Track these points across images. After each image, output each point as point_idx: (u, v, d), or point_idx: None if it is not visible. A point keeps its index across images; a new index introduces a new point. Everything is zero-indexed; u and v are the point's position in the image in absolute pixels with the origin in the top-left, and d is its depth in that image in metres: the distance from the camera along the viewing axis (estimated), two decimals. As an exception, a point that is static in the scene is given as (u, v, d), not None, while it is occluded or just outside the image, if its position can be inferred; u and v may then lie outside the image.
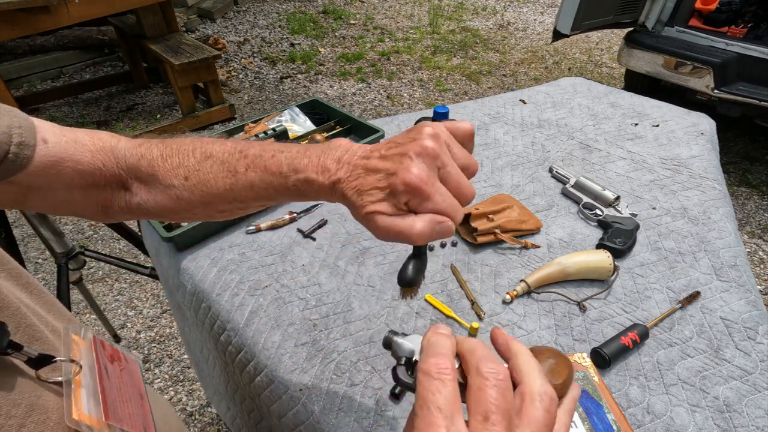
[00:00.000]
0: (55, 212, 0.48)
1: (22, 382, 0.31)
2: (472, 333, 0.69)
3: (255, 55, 3.93)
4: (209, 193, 0.45)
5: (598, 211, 0.92)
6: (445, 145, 0.36)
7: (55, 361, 0.33)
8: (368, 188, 0.36)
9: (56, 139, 0.41)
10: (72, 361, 0.34)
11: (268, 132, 1.03)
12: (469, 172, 0.38)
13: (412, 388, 0.31)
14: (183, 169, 0.45)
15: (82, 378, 0.35)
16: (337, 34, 4.41)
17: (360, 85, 3.51)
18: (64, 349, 0.36)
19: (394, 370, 0.34)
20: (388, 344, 0.37)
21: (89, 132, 0.45)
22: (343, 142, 0.41)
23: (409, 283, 0.43)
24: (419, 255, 0.43)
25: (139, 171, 0.46)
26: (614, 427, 0.52)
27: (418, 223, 0.35)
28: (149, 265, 1.49)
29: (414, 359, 0.34)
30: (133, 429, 0.37)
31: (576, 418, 0.53)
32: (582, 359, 0.60)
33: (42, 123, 0.42)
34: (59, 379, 0.33)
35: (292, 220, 0.91)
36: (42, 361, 0.32)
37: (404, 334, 0.37)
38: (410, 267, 0.42)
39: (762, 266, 2.08)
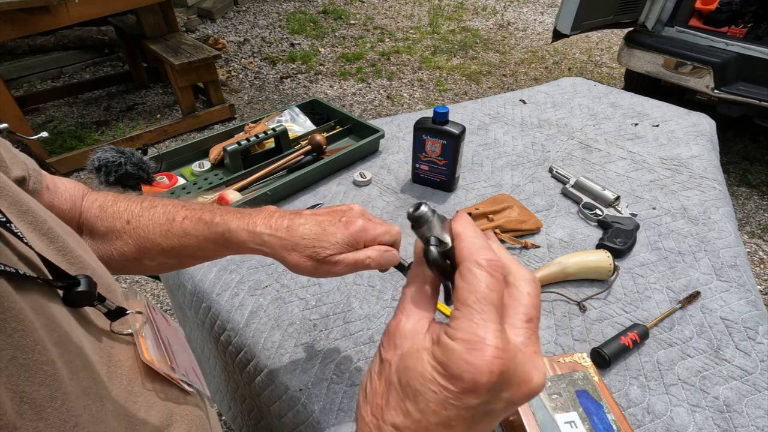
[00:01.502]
0: None
1: (101, 332, 0.33)
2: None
3: (255, 55, 3.93)
4: (145, 238, 0.48)
5: (598, 211, 0.92)
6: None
7: (127, 314, 0.35)
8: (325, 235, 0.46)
9: (53, 188, 0.45)
10: (139, 312, 0.37)
11: (268, 132, 1.03)
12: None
13: (448, 275, 0.29)
14: (127, 213, 0.49)
15: (144, 330, 0.38)
16: (337, 34, 4.41)
17: (360, 85, 3.51)
18: (131, 304, 0.39)
19: (426, 251, 0.29)
20: (419, 218, 0.29)
21: (60, 178, 0.48)
22: (270, 208, 0.50)
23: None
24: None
25: (93, 221, 0.48)
26: (614, 427, 0.52)
27: (372, 252, 0.47)
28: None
29: (449, 245, 0.29)
30: (189, 373, 0.41)
31: (576, 418, 0.53)
32: (582, 359, 0.60)
33: (43, 172, 0.45)
34: (129, 331, 0.36)
35: (292, 220, 0.91)
36: (117, 313, 0.34)
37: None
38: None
39: (762, 266, 2.08)
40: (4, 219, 0.27)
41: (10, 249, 0.27)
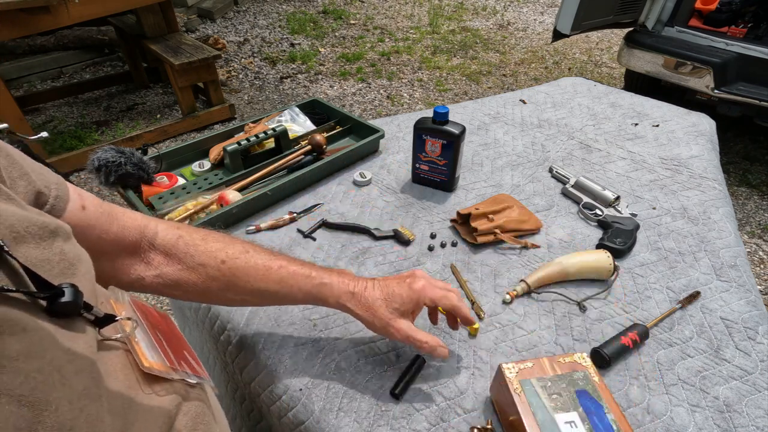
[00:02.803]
0: None
1: (90, 340, 0.33)
2: (473, 333, 0.69)
3: (255, 55, 3.93)
4: (239, 277, 0.53)
5: (598, 211, 0.92)
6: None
7: (117, 320, 0.35)
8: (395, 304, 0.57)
9: (93, 209, 0.46)
10: (128, 318, 0.37)
11: (268, 132, 1.03)
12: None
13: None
14: (222, 253, 0.53)
15: (137, 333, 0.38)
16: (337, 34, 4.41)
17: (360, 85, 3.51)
18: (116, 308, 0.39)
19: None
20: None
21: (124, 209, 0.51)
22: (349, 271, 0.61)
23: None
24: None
25: (174, 249, 0.52)
26: (614, 427, 0.52)
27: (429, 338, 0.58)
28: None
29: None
30: (190, 368, 0.41)
31: (576, 418, 0.53)
32: (582, 359, 0.60)
33: (85, 193, 0.47)
34: (119, 336, 0.36)
35: (292, 220, 0.91)
36: (106, 320, 0.34)
37: None
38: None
39: (762, 266, 2.08)
40: None
41: None
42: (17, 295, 0.27)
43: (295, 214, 0.91)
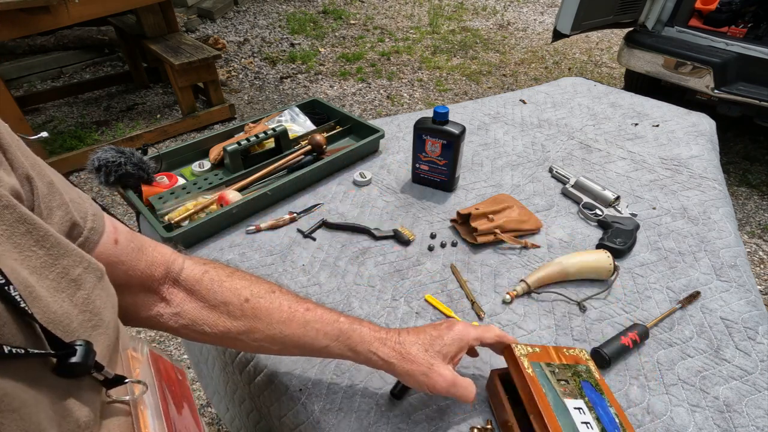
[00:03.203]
0: None
1: (95, 400, 0.32)
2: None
3: (255, 55, 3.93)
4: (261, 319, 0.50)
5: (598, 211, 0.92)
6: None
7: (126, 383, 0.34)
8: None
9: (125, 244, 0.45)
10: (138, 381, 0.36)
11: (268, 132, 1.03)
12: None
13: None
14: (247, 291, 0.50)
15: (146, 397, 0.36)
16: (337, 34, 4.41)
17: (360, 85, 3.51)
18: (126, 369, 0.38)
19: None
20: None
21: (154, 243, 0.49)
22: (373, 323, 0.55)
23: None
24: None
25: (198, 285, 0.50)
26: (617, 420, 0.53)
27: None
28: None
29: None
30: None
31: (583, 405, 0.53)
32: (583, 354, 0.60)
33: (119, 225, 0.45)
34: (126, 398, 0.34)
35: (292, 220, 0.91)
36: (115, 381, 0.33)
37: None
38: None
39: (762, 266, 2.08)
40: (3, 281, 0.26)
41: (14, 314, 0.27)
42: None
43: (295, 214, 0.91)
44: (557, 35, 2.55)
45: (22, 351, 0.26)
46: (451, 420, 0.59)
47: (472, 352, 0.62)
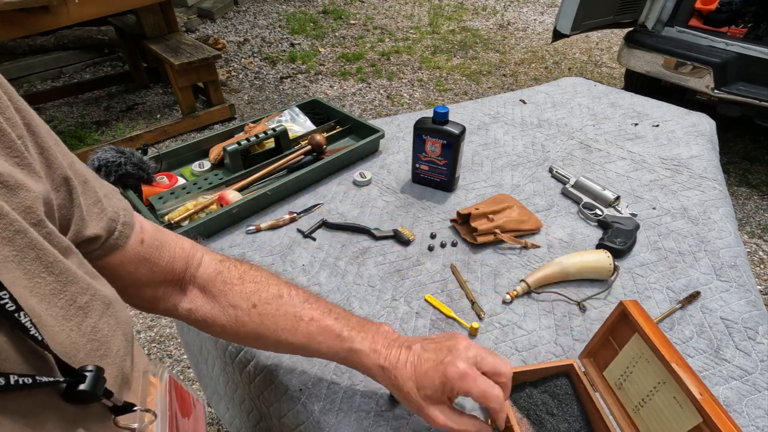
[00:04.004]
0: None
1: (103, 428, 0.32)
2: (473, 333, 0.69)
3: (255, 55, 3.93)
4: (267, 325, 0.51)
5: (598, 211, 0.92)
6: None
7: (135, 410, 0.34)
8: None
9: (150, 242, 0.46)
10: (148, 410, 0.36)
11: (268, 132, 1.03)
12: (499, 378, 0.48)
13: None
14: (255, 297, 0.51)
15: (155, 427, 0.36)
16: (337, 34, 4.41)
17: (360, 85, 3.51)
18: (142, 395, 0.37)
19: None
20: None
21: (176, 237, 0.51)
22: (387, 330, 0.52)
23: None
24: None
25: (211, 284, 0.51)
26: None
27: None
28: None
29: None
30: None
31: None
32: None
33: (144, 222, 0.46)
34: (134, 425, 0.34)
35: (292, 220, 0.91)
36: (125, 408, 0.33)
37: None
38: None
39: (762, 266, 2.08)
40: (13, 308, 0.25)
41: (19, 343, 0.26)
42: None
43: (295, 214, 0.91)
44: (557, 35, 2.55)
45: (30, 381, 0.25)
46: (451, 420, 0.59)
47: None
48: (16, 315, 0.25)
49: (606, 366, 0.57)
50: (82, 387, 0.28)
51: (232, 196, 0.89)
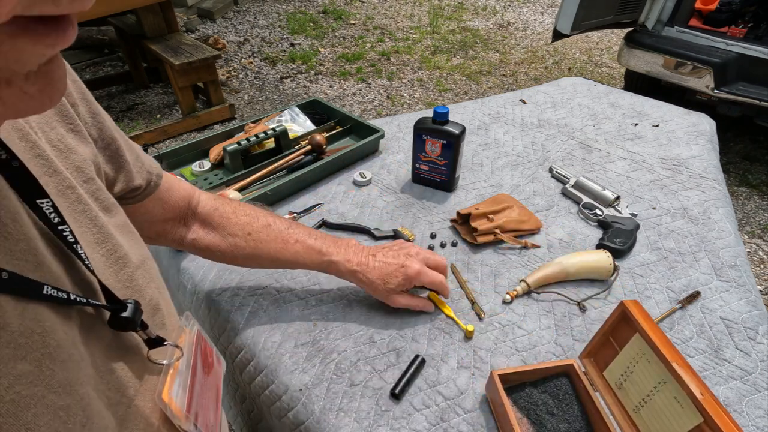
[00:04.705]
0: None
1: (137, 359, 0.35)
2: (468, 335, 0.69)
3: (255, 55, 3.93)
4: (261, 249, 0.63)
5: (598, 211, 0.92)
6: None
7: (166, 344, 0.37)
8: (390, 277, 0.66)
9: (168, 188, 0.55)
10: (177, 346, 0.39)
11: (268, 132, 1.03)
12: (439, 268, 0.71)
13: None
14: (249, 227, 0.63)
15: (179, 365, 0.39)
16: (337, 34, 4.41)
17: (360, 85, 3.51)
18: (175, 334, 0.41)
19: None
20: None
21: (177, 180, 0.60)
22: (352, 242, 0.69)
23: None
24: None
25: (209, 219, 0.62)
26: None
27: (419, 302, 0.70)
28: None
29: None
30: (204, 428, 0.41)
31: None
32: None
33: (166, 175, 0.55)
34: (164, 361, 0.38)
35: (293, 220, 0.90)
36: (157, 342, 0.36)
37: None
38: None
39: (762, 266, 2.08)
40: (73, 240, 0.29)
41: (71, 270, 0.30)
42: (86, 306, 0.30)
43: (295, 214, 0.91)
44: (557, 35, 2.55)
45: (84, 299, 0.29)
46: (451, 420, 0.59)
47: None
48: (75, 246, 0.29)
49: (606, 366, 0.57)
50: (124, 314, 0.32)
51: (232, 196, 0.89)
